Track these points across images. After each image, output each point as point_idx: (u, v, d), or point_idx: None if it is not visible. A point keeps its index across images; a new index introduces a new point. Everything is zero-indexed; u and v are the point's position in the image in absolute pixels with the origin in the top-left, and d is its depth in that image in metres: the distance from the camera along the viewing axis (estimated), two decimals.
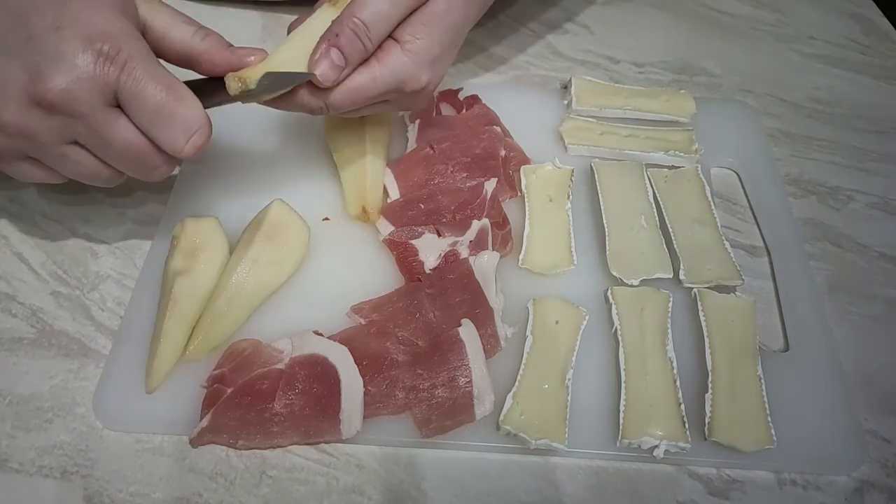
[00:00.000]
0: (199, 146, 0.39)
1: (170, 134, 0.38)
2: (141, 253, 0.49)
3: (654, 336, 0.46)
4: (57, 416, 0.42)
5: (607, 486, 0.41)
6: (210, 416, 0.40)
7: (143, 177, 0.41)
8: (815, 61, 0.70)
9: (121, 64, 0.36)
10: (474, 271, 0.47)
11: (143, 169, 0.40)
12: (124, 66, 0.36)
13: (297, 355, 0.42)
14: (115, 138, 0.37)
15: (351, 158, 0.52)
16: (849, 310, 0.51)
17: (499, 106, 0.58)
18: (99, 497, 0.39)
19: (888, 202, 0.58)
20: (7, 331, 0.45)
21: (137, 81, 0.36)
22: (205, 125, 0.39)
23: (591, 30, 0.71)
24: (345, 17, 0.41)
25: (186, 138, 0.38)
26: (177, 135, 0.38)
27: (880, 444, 0.44)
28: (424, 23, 0.43)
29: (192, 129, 0.38)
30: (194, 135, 0.38)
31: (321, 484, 0.40)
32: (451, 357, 0.42)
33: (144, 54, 0.37)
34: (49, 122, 0.36)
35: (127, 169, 0.40)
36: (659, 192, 0.54)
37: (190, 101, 0.38)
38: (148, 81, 0.36)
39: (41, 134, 0.37)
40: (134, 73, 0.36)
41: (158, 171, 0.41)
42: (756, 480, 0.42)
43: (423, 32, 0.43)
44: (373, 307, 0.46)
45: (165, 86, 0.37)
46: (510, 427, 0.41)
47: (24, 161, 0.39)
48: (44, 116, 0.36)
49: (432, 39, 0.43)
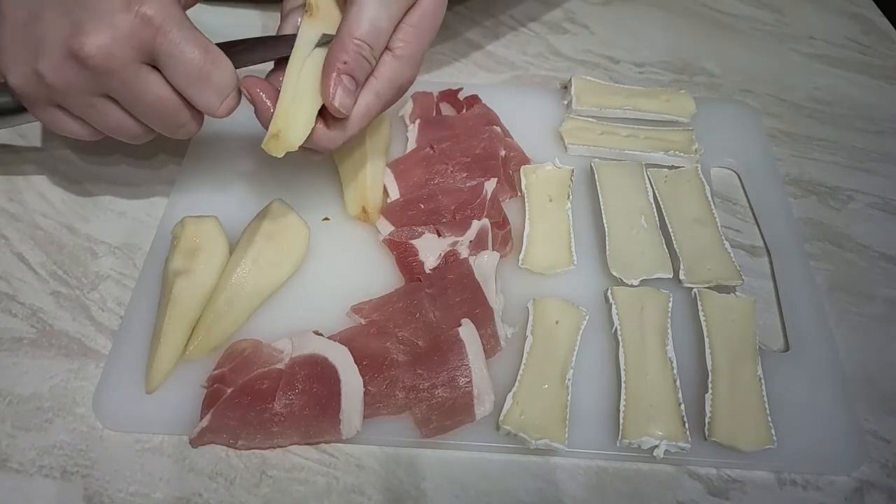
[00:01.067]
0: (232, 107, 0.41)
1: (206, 96, 0.40)
2: (141, 253, 0.49)
3: (654, 336, 0.46)
4: (57, 416, 0.42)
5: (607, 486, 0.41)
6: (210, 416, 0.40)
7: (171, 133, 0.42)
8: (815, 61, 0.70)
9: (157, 26, 0.37)
10: (474, 271, 0.47)
11: (171, 126, 0.42)
12: (160, 29, 0.37)
13: (297, 355, 0.42)
14: (146, 94, 0.39)
15: (351, 158, 0.52)
16: (849, 310, 0.51)
17: (499, 106, 0.58)
18: (99, 497, 0.39)
19: (888, 202, 0.58)
20: (7, 331, 0.45)
21: (175, 44, 0.38)
22: (236, 87, 0.41)
23: (591, 30, 0.71)
24: (346, 39, 0.40)
25: (221, 100, 0.40)
26: (212, 97, 0.40)
27: (880, 445, 0.44)
28: (414, 25, 0.43)
29: (226, 92, 0.40)
30: (228, 97, 0.40)
31: (321, 484, 0.40)
32: (451, 357, 0.42)
33: (181, 18, 0.38)
34: (83, 75, 0.38)
35: (155, 125, 0.42)
36: (659, 192, 0.54)
37: (224, 65, 0.40)
38: (185, 45, 0.38)
39: (73, 85, 0.39)
40: (170, 36, 0.37)
41: (186, 128, 0.42)
42: (756, 480, 0.42)
43: (412, 35, 0.43)
44: (373, 307, 0.46)
45: (202, 49, 0.39)
46: (510, 427, 0.41)
47: (57, 109, 0.41)
48: (78, 69, 0.38)
49: (421, 40, 0.43)
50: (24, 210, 0.51)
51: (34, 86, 0.39)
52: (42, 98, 0.40)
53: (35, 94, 0.40)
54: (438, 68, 0.65)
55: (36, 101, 0.41)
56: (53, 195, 0.52)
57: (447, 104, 0.59)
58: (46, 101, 0.41)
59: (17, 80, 0.39)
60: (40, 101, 0.41)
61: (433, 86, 0.60)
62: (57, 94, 0.40)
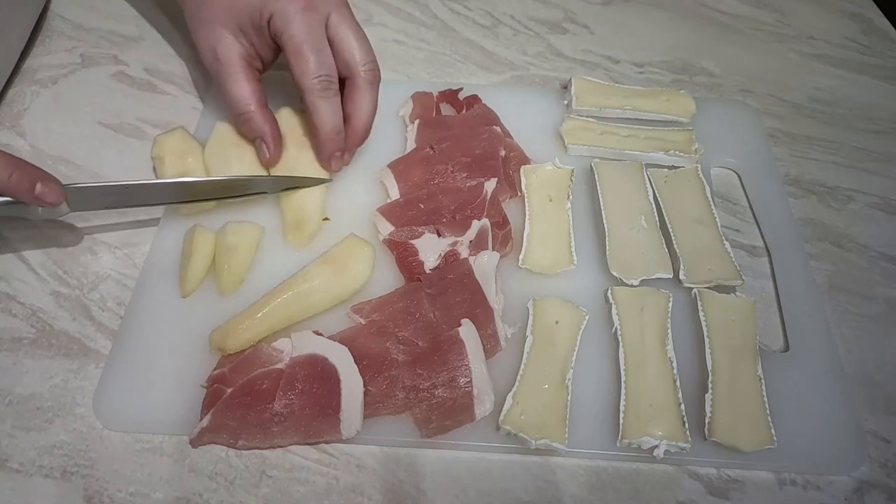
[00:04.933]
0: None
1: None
2: (141, 253, 0.49)
3: (654, 336, 0.46)
4: (57, 416, 0.42)
5: (607, 486, 0.41)
6: (210, 416, 0.40)
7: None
8: (815, 61, 0.70)
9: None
10: (474, 271, 0.47)
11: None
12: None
13: (297, 355, 0.42)
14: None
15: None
16: (849, 310, 0.51)
17: (499, 106, 0.58)
18: (99, 497, 0.39)
19: (888, 202, 0.58)
20: (7, 331, 0.45)
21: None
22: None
23: (591, 30, 0.71)
24: (303, 78, 0.46)
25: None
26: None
27: (880, 444, 0.44)
28: (339, 22, 0.48)
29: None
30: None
31: (321, 484, 0.40)
32: (451, 357, 0.42)
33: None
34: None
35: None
36: (659, 192, 0.54)
37: None
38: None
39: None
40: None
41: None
42: (756, 480, 0.42)
43: (344, 29, 0.48)
44: (373, 307, 0.46)
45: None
46: (510, 427, 0.41)
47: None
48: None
49: (353, 24, 0.48)
50: None
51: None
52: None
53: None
54: (438, 68, 0.65)
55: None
56: None
57: (447, 104, 0.59)
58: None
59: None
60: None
61: (433, 86, 0.60)
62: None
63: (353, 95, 0.49)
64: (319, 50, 0.46)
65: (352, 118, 0.49)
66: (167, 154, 0.52)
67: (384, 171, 0.53)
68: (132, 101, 0.58)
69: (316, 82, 0.46)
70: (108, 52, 0.62)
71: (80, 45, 0.62)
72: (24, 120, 0.56)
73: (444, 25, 0.69)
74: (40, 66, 0.60)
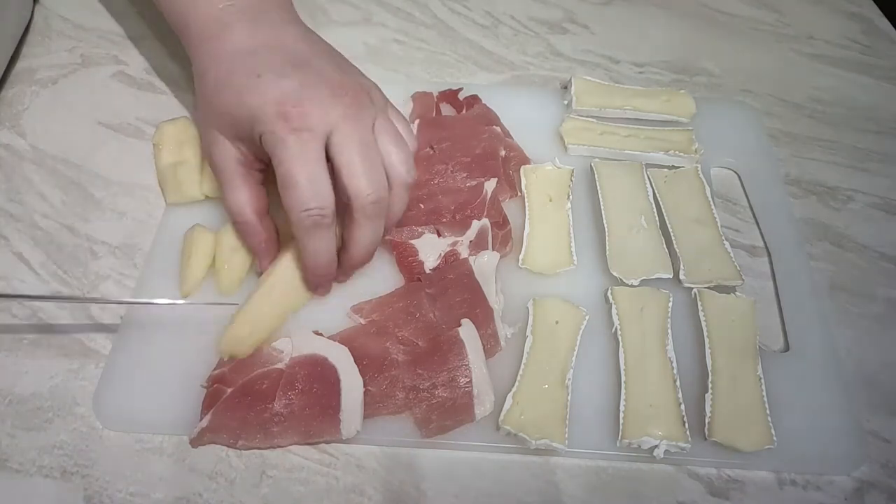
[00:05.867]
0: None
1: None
2: (141, 253, 0.49)
3: (654, 336, 0.46)
4: (57, 416, 0.42)
5: (607, 486, 0.41)
6: (210, 416, 0.40)
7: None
8: (815, 61, 0.70)
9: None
10: (474, 271, 0.47)
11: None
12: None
13: (297, 355, 0.42)
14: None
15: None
16: (849, 310, 0.51)
17: (499, 106, 0.58)
18: (99, 497, 0.39)
19: (888, 202, 0.58)
20: (7, 331, 0.45)
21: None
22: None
23: (591, 30, 0.71)
24: (291, 211, 0.40)
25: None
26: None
27: (880, 445, 0.44)
28: (343, 143, 0.40)
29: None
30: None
31: (321, 484, 0.40)
32: (451, 357, 0.42)
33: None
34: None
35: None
36: (659, 192, 0.54)
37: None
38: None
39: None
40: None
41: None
42: (756, 480, 0.42)
43: (349, 153, 0.40)
44: (373, 307, 0.46)
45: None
46: (510, 427, 0.41)
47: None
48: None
49: (360, 145, 0.40)
50: (24, 210, 0.51)
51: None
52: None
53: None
54: (438, 68, 0.65)
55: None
56: (53, 195, 0.52)
57: (447, 104, 0.59)
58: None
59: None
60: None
61: (433, 86, 0.60)
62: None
63: (352, 227, 0.42)
64: (310, 178, 0.39)
65: (349, 247, 0.44)
66: (165, 142, 0.52)
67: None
68: (132, 101, 0.58)
69: (304, 216, 0.39)
70: (108, 52, 0.62)
71: (80, 45, 0.62)
72: (24, 120, 0.56)
73: (443, 25, 0.69)
74: (40, 66, 0.60)
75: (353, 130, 0.40)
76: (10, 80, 0.59)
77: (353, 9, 0.68)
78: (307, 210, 0.39)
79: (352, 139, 0.40)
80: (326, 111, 0.39)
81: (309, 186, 0.39)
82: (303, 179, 0.39)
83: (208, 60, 0.43)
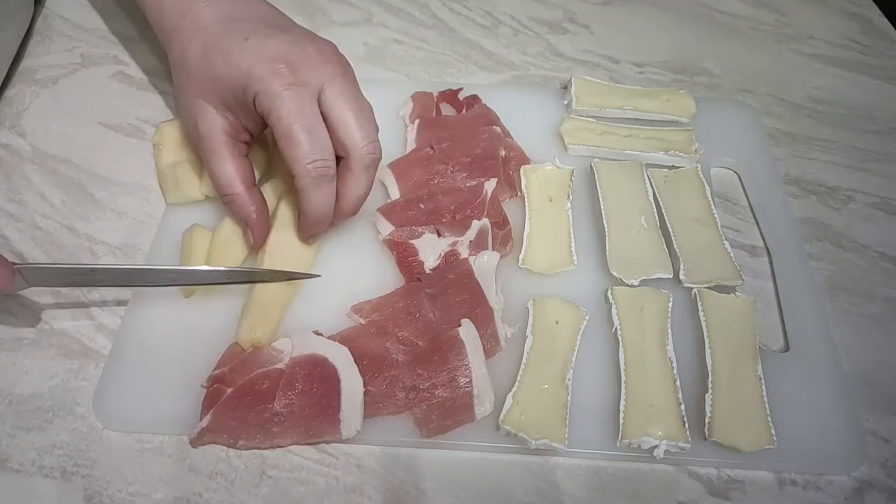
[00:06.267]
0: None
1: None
2: (141, 253, 0.49)
3: (654, 336, 0.46)
4: (57, 416, 0.42)
5: (607, 486, 0.41)
6: (210, 416, 0.40)
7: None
8: (815, 61, 0.70)
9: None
10: (474, 271, 0.47)
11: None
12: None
13: (297, 355, 0.42)
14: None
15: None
16: (849, 310, 0.51)
17: (499, 106, 0.58)
18: (99, 497, 0.39)
19: (888, 202, 0.58)
20: (7, 331, 0.45)
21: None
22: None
23: (591, 30, 0.71)
24: (295, 164, 0.40)
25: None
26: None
27: (880, 444, 0.44)
28: (335, 97, 0.41)
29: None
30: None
31: (321, 484, 0.40)
32: (451, 357, 0.42)
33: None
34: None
35: None
36: (659, 192, 0.54)
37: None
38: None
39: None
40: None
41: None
42: (756, 480, 0.42)
43: (341, 106, 0.41)
44: (373, 307, 0.46)
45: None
46: (510, 427, 0.41)
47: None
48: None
49: (350, 98, 0.41)
50: (24, 210, 0.51)
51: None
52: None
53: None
54: (438, 68, 0.65)
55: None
56: (53, 195, 0.52)
57: (447, 104, 0.59)
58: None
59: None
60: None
61: (433, 86, 0.60)
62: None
63: (346, 178, 0.43)
64: (311, 130, 0.40)
65: (340, 199, 0.44)
66: (165, 142, 0.52)
67: (384, 171, 0.53)
68: (132, 101, 0.58)
69: (310, 168, 0.40)
70: (108, 52, 0.62)
71: (80, 45, 0.62)
72: (24, 120, 0.56)
73: (444, 25, 0.69)
74: (40, 66, 0.60)
75: (344, 85, 0.42)
76: (11, 80, 0.59)
77: (353, 9, 0.68)
78: (313, 162, 0.40)
79: (343, 93, 0.41)
80: (316, 67, 0.41)
81: (311, 139, 0.40)
82: (305, 132, 0.40)
83: (191, 32, 0.44)
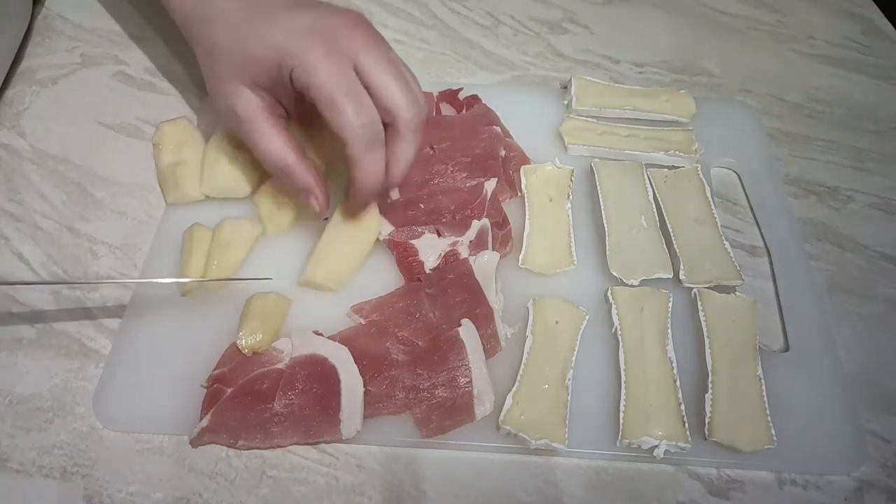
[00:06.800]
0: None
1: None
2: (141, 253, 0.49)
3: (654, 336, 0.46)
4: (57, 416, 0.42)
5: (607, 486, 0.41)
6: (210, 416, 0.40)
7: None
8: (815, 61, 0.70)
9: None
10: (474, 271, 0.47)
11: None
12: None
13: (297, 355, 0.42)
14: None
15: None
16: (849, 310, 0.51)
17: (499, 106, 0.58)
18: (99, 497, 0.39)
19: (888, 202, 0.58)
20: (7, 331, 0.45)
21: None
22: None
23: (591, 30, 0.71)
24: (345, 130, 0.40)
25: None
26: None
27: (880, 444, 0.44)
28: (371, 65, 0.41)
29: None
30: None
31: (321, 484, 0.40)
32: (451, 357, 0.42)
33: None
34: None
35: None
36: (659, 192, 0.54)
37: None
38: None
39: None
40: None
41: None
42: (756, 480, 0.42)
43: (378, 73, 0.41)
44: (373, 307, 0.46)
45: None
46: (510, 427, 0.41)
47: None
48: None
49: (388, 64, 0.41)
50: (24, 210, 0.51)
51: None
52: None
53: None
54: (438, 68, 0.65)
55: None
56: (53, 195, 0.52)
57: (447, 104, 0.59)
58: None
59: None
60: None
61: (433, 86, 0.60)
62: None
63: (394, 143, 0.42)
64: (354, 95, 0.40)
65: (391, 165, 0.43)
66: (165, 142, 0.52)
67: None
68: (132, 101, 0.58)
69: (361, 133, 0.40)
70: (108, 52, 0.62)
71: (80, 45, 0.62)
72: (24, 120, 0.56)
73: (444, 25, 0.69)
74: (40, 66, 0.60)
75: (379, 51, 0.41)
76: (11, 80, 0.59)
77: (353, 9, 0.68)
78: (363, 125, 0.40)
79: (380, 60, 0.41)
80: (349, 37, 0.41)
81: (356, 103, 0.40)
82: (348, 98, 0.40)
83: (217, 18, 0.44)
